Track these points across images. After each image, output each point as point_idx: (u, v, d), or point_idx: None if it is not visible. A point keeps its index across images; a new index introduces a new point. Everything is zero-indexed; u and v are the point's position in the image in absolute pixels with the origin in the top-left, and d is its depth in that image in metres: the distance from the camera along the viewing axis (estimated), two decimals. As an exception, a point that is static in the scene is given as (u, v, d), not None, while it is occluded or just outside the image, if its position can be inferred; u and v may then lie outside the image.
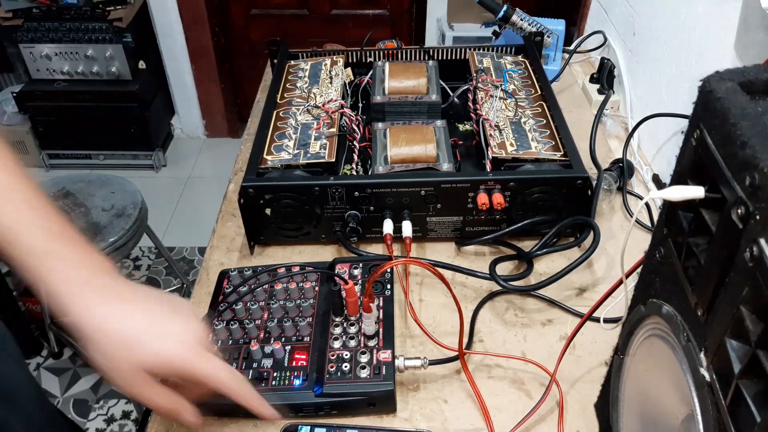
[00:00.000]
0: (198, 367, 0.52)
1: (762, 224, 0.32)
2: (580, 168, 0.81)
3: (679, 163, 0.42)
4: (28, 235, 0.52)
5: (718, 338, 0.36)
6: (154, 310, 0.54)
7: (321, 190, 0.81)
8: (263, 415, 0.57)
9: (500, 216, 0.84)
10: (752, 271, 0.32)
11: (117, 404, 1.82)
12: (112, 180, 1.61)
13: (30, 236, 0.52)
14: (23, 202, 0.54)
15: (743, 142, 0.33)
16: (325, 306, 0.73)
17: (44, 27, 2.37)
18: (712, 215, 0.38)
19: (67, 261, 0.53)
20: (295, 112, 0.95)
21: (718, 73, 0.38)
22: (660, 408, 0.47)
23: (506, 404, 0.68)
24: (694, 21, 0.89)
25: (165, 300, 0.56)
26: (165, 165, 2.73)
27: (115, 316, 0.52)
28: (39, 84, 2.47)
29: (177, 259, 2.28)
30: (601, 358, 0.72)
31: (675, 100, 0.96)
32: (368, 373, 0.65)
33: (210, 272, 0.84)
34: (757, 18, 0.73)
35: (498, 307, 0.79)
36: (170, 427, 0.66)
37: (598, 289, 0.81)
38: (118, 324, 0.52)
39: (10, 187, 0.54)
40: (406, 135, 0.88)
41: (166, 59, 2.64)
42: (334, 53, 1.09)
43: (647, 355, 0.50)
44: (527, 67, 1.05)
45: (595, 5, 1.32)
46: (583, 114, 1.14)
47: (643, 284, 0.50)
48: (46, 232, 0.53)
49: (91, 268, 0.53)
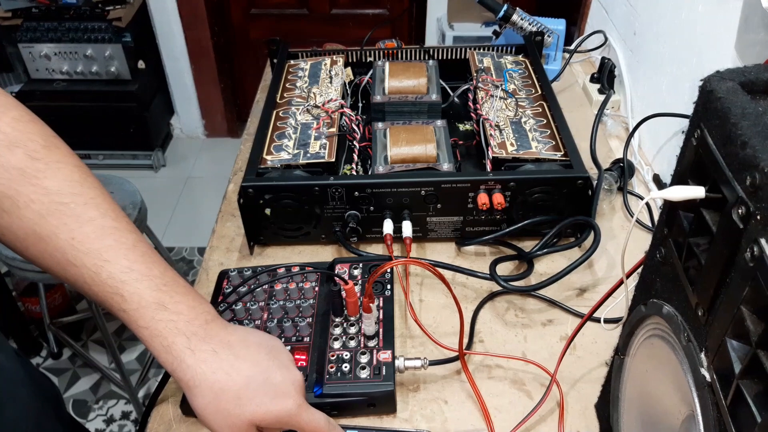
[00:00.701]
0: (303, 420, 0.54)
1: (762, 224, 0.32)
2: (581, 168, 0.81)
3: (680, 163, 0.42)
4: (141, 288, 0.51)
5: (718, 338, 0.36)
6: (260, 363, 0.54)
7: (321, 190, 0.81)
8: None
9: (500, 216, 0.84)
10: (753, 271, 0.32)
11: (116, 404, 1.82)
12: (112, 180, 1.60)
13: (143, 289, 0.51)
14: (137, 254, 0.53)
15: (744, 141, 0.33)
16: (325, 306, 0.73)
17: (43, 27, 2.36)
18: (713, 215, 0.38)
19: (181, 313, 0.52)
20: (295, 112, 0.94)
21: (718, 72, 0.38)
22: (660, 408, 0.47)
23: (506, 405, 0.67)
24: (694, 20, 0.89)
25: (267, 346, 0.56)
26: (164, 165, 2.73)
27: (226, 369, 0.52)
28: (38, 84, 2.47)
29: (176, 260, 2.28)
30: (602, 358, 0.72)
31: (676, 99, 0.96)
32: (368, 374, 0.65)
33: (209, 272, 0.84)
34: (758, 17, 0.73)
35: (498, 307, 0.79)
36: (170, 428, 0.66)
37: (598, 289, 0.81)
38: (230, 379, 0.52)
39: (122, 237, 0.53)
40: (406, 135, 0.88)
41: (165, 59, 2.64)
42: (334, 53, 1.09)
43: (648, 355, 0.49)
44: (527, 67, 1.05)
45: (596, 5, 1.32)
46: (584, 114, 1.14)
47: (644, 284, 0.50)
48: (157, 284, 0.52)
49: (203, 318, 0.53)
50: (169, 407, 0.68)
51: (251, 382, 0.52)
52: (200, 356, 0.52)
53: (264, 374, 0.53)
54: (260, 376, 0.53)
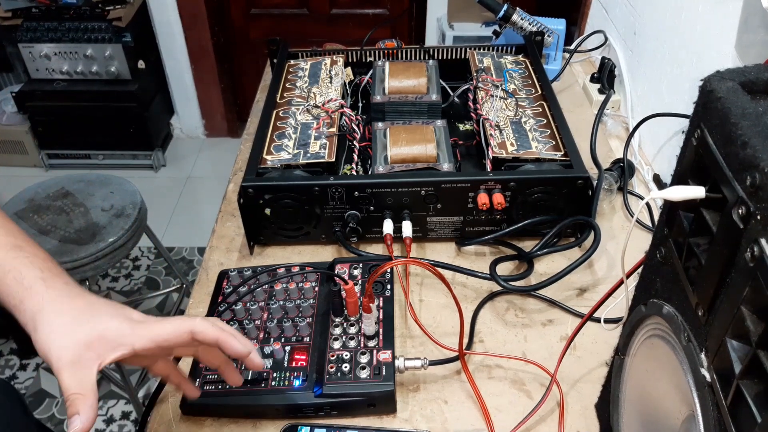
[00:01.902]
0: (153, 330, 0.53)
1: (763, 224, 0.32)
2: (581, 168, 0.81)
3: (680, 162, 0.42)
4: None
5: (718, 338, 0.36)
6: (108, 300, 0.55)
7: (321, 190, 0.81)
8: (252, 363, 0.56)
9: (500, 216, 0.84)
10: (753, 271, 0.32)
11: (116, 404, 1.82)
12: (112, 180, 1.60)
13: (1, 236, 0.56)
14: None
15: (744, 141, 0.33)
16: (324, 306, 0.73)
17: (43, 27, 2.36)
18: (713, 215, 0.38)
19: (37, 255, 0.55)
20: (295, 112, 0.94)
21: (718, 72, 0.38)
22: (661, 408, 0.47)
23: (506, 405, 0.67)
24: (694, 20, 0.89)
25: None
26: (164, 165, 2.73)
27: (74, 294, 0.53)
28: (38, 84, 2.47)
29: (176, 259, 2.28)
30: (602, 358, 0.72)
31: (676, 99, 0.96)
32: (368, 374, 0.65)
33: (209, 272, 0.84)
34: (758, 18, 0.73)
35: (498, 307, 0.79)
36: (170, 428, 0.66)
37: (598, 289, 0.81)
38: (76, 302, 0.53)
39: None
40: (406, 135, 0.88)
41: (165, 59, 2.64)
42: (334, 53, 1.09)
43: (648, 355, 0.49)
44: (528, 67, 1.05)
45: (596, 5, 1.32)
46: (584, 114, 1.14)
47: (644, 284, 0.50)
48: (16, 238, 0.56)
49: (58, 266, 0.56)
50: (169, 407, 0.68)
51: (95, 304, 0.53)
52: (51, 284, 0.53)
53: (108, 304, 0.54)
54: (104, 304, 0.54)
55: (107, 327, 0.51)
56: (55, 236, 1.43)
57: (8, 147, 2.62)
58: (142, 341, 0.52)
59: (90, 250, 1.40)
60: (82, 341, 0.50)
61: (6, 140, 2.60)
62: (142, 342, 0.52)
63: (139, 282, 2.18)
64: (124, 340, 0.51)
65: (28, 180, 1.77)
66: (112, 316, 0.52)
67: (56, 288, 0.53)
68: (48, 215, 1.48)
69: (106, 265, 1.45)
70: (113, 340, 0.51)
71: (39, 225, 1.45)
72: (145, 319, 0.53)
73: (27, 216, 1.48)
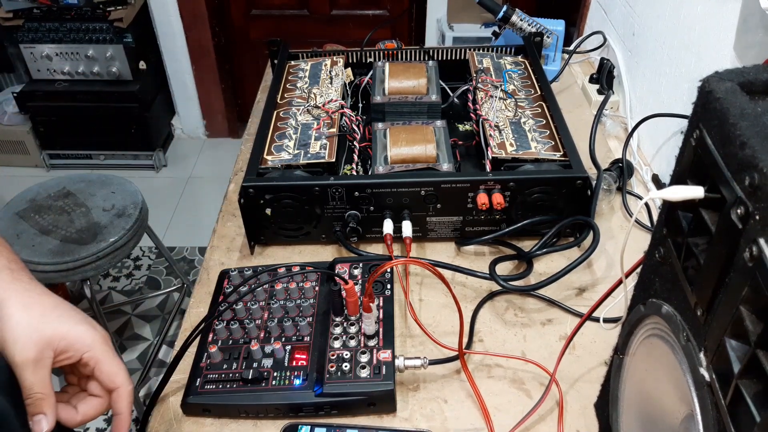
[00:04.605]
0: (108, 355, 0.54)
1: (761, 224, 0.32)
2: (580, 168, 0.81)
3: (679, 163, 0.42)
4: None
5: (717, 338, 0.36)
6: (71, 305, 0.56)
7: (321, 190, 0.81)
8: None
9: (500, 216, 0.84)
10: (752, 271, 0.32)
11: (117, 404, 1.82)
12: (113, 180, 1.61)
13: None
14: None
15: (743, 142, 0.33)
16: (325, 306, 0.73)
17: (45, 27, 2.37)
18: (712, 215, 0.38)
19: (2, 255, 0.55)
20: (296, 113, 0.95)
21: (717, 73, 0.38)
22: (660, 408, 0.47)
23: (506, 404, 0.68)
24: (693, 21, 0.89)
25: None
26: (165, 165, 2.73)
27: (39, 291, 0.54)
28: (39, 84, 2.47)
29: (177, 259, 2.28)
30: (601, 357, 0.72)
31: (674, 100, 0.96)
32: (368, 373, 0.65)
33: (210, 272, 0.84)
34: (757, 18, 0.73)
35: (498, 307, 0.79)
36: (171, 428, 0.66)
37: (597, 289, 0.81)
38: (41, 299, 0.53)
39: None
40: (406, 135, 0.88)
41: (166, 59, 2.64)
42: (334, 53, 1.09)
43: (647, 355, 0.50)
44: (527, 68, 1.05)
45: (595, 6, 1.32)
46: (583, 114, 1.14)
47: (643, 284, 0.50)
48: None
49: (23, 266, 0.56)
50: (169, 407, 0.68)
51: (61, 305, 0.54)
52: (17, 276, 0.54)
53: (74, 309, 0.55)
54: (70, 307, 0.55)
55: (71, 330, 0.53)
56: (57, 236, 1.43)
57: (10, 147, 2.62)
58: (97, 355, 0.54)
59: (91, 249, 1.41)
60: (45, 339, 0.51)
61: (7, 140, 2.61)
62: (98, 356, 0.54)
63: (140, 282, 2.18)
64: (81, 347, 0.53)
65: (29, 180, 1.77)
66: (78, 321, 0.54)
67: (23, 281, 0.54)
68: (49, 215, 1.49)
69: (108, 264, 1.45)
70: (72, 344, 0.53)
71: (40, 225, 1.46)
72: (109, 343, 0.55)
73: (28, 216, 1.48)
